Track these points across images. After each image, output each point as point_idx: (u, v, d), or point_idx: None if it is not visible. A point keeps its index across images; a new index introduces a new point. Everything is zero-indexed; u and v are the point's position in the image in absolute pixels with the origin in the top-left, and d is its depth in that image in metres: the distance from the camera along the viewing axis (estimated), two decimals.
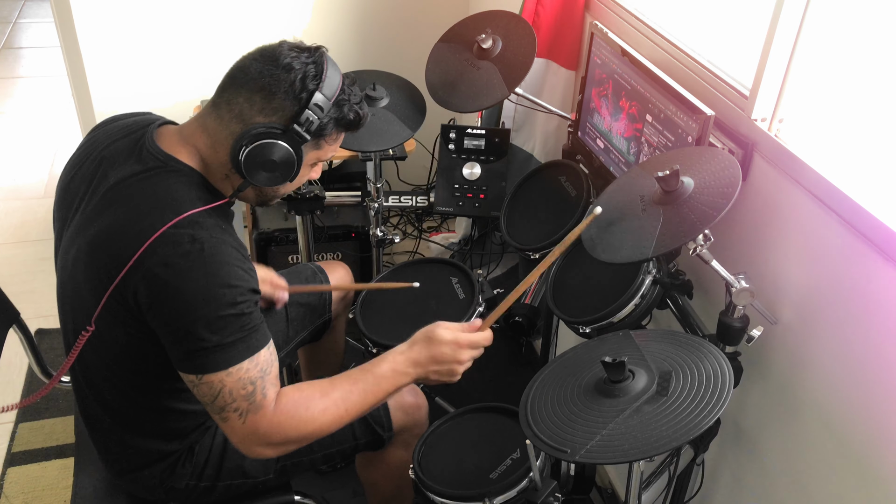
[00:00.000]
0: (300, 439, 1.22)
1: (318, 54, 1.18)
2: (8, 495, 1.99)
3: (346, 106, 1.21)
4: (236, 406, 1.15)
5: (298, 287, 1.73)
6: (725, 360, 1.10)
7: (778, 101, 1.31)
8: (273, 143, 1.15)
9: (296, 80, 1.14)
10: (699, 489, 1.53)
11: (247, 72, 1.16)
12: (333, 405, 1.22)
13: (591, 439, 1.04)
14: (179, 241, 1.10)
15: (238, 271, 1.13)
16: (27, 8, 5.36)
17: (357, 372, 1.26)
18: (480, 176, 1.98)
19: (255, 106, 1.15)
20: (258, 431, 1.17)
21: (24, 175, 3.49)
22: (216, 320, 1.10)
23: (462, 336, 1.27)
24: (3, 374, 2.35)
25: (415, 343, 1.28)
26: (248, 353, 1.14)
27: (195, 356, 1.12)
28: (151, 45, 2.63)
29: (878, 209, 1.10)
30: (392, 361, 1.27)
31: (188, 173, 1.19)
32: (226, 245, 1.13)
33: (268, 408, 1.17)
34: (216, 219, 1.17)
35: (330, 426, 1.23)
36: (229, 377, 1.13)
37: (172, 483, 1.36)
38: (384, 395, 1.26)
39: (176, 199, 1.15)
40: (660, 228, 1.21)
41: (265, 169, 1.17)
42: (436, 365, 1.27)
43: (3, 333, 1.49)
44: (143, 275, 1.10)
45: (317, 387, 1.23)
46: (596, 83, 1.72)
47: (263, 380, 1.16)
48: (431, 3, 2.87)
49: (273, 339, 1.68)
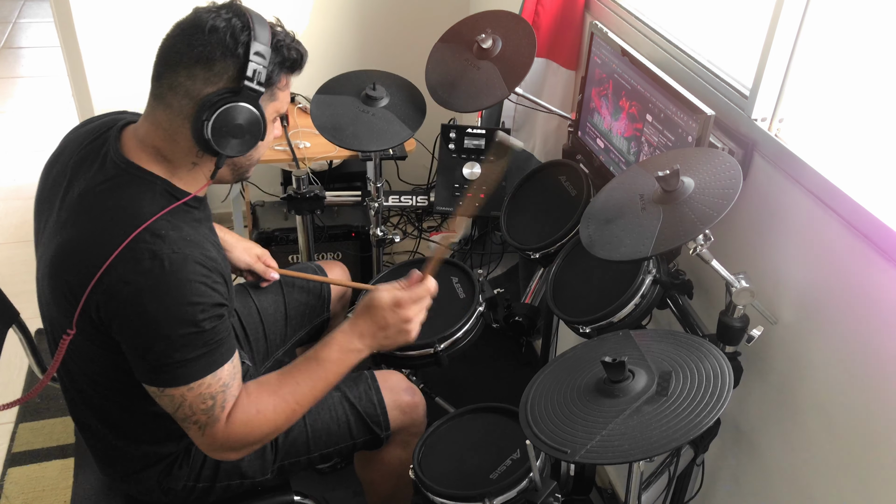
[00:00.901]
0: (260, 440, 1.22)
1: (235, 7, 1.14)
2: (8, 495, 1.99)
3: (284, 47, 1.15)
4: (196, 419, 1.15)
5: (289, 271, 1.72)
6: (725, 360, 1.10)
7: (778, 101, 1.31)
8: (233, 106, 1.10)
9: (226, 38, 1.09)
10: (699, 489, 1.53)
11: (175, 50, 1.11)
12: (283, 402, 1.22)
13: (590, 439, 1.04)
14: (139, 257, 1.08)
15: (200, 287, 1.10)
16: (27, 8, 5.36)
17: (302, 360, 1.26)
18: (480, 176, 1.98)
19: (199, 79, 1.10)
20: (216, 443, 1.18)
21: (24, 175, 3.49)
22: (178, 339, 1.09)
23: (401, 294, 1.26)
24: (3, 374, 2.35)
25: (357, 316, 1.28)
26: (211, 368, 1.13)
27: (157, 371, 1.12)
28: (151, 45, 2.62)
29: (878, 209, 1.10)
30: (338, 342, 1.26)
31: (151, 181, 1.15)
32: (188, 260, 1.10)
33: (223, 420, 1.16)
34: (184, 228, 1.13)
35: (286, 422, 1.23)
36: (190, 392, 1.13)
37: (170, 485, 1.36)
38: (336, 377, 1.26)
39: (136, 210, 1.11)
40: (659, 227, 1.21)
41: (234, 135, 1.12)
42: (383, 331, 1.26)
43: (3, 333, 1.49)
44: (104, 291, 1.08)
45: (265, 386, 1.23)
46: (596, 83, 1.72)
47: (224, 394, 1.16)
48: (431, 3, 2.87)
49: (271, 337, 1.70)
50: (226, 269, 1.19)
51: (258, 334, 1.67)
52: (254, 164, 1.27)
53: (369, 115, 1.84)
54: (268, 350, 1.69)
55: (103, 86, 2.66)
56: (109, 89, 2.65)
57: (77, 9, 2.52)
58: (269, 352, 1.69)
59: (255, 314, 1.67)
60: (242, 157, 1.20)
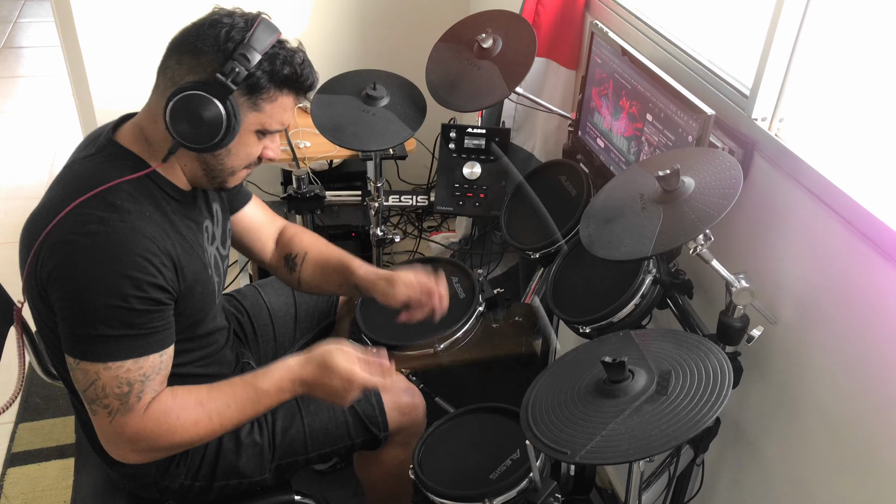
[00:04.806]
0: (168, 448, 1.20)
1: (252, 14, 1.16)
2: (8, 495, 1.99)
3: (279, 59, 1.14)
4: (107, 403, 1.12)
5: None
6: (725, 358, 1.10)
7: (778, 101, 1.31)
8: (197, 94, 1.10)
9: (220, 33, 1.11)
10: (699, 489, 1.53)
11: (179, 38, 1.15)
12: (207, 418, 1.19)
13: (591, 440, 1.04)
14: (87, 220, 1.08)
15: (140, 262, 1.09)
16: (27, 7, 5.36)
17: (240, 383, 1.23)
18: (480, 175, 1.98)
19: (185, 66, 1.12)
20: (123, 434, 1.14)
21: (25, 175, 3.49)
22: (102, 309, 1.07)
23: (358, 374, 1.24)
24: (3, 374, 2.35)
25: (309, 363, 1.26)
26: (134, 353, 1.11)
27: (76, 339, 1.10)
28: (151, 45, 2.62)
29: (878, 209, 1.09)
30: (279, 378, 1.24)
31: (126, 156, 1.17)
32: (136, 234, 1.09)
33: (138, 412, 1.13)
34: (146, 204, 1.14)
35: (201, 439, 1.20)
36: (107, 371, 1.10)
37: (167, 482, 1.36)
38: (264, 409, 1.24)
39: (100, 177, 1.12)
40: (660, 227, 1.21)
41: (192, 124, 1.11)
42: (323, 391, 1.25)
43: (4, 332, 1.49)
44: (47, 249, 1.09)
45: (194, 395, 1.20)
46: (596, 82, 1.72)
47: (143, 384, 1.13)
48: (431, 3, 2.87)
49: (280, 339, 1.69)
50: (185, 262, 1.18)
51: (268, 335, 1.67)
52: (228, 172, 1.22)
53: (369, 114, 1.84)
54: (276, 351, 1.69)
55: (103, 86, 2.66)
56: (109, 89, 2.65)
57: (77, 8, 2.52)
58: (276, 353, 1.69)
59: (266, 315, 1.67)
60: (211, 156, 1.18)
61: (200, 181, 1.24)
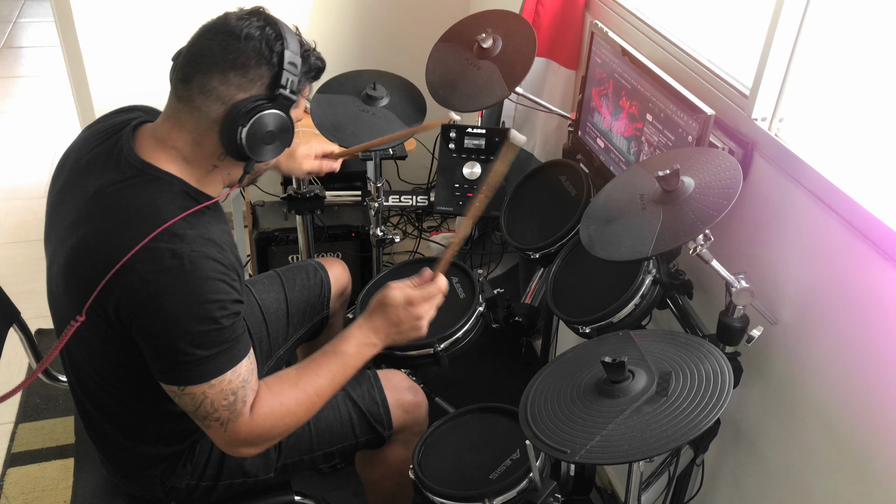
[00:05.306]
0: (282, 432, 1.24)
1: (264, 16, 1.17)
2: (8, 496, 1.99)
3: (311, 57, 1.20)
4: (218, 416, 1.15)
5: (352, 150, 1.79)
6: (725, 360, 1.10)
7: (778, 101, 1.31)
8: (268, 113, 1.14)
9: (262, 47, 1.12)
10: (699, 490, 1.53)
11: (207, 54, 1.12)
12: (304, 394, 1.23)
13: (590, 440, 1.04)
14: (159, 256, 1.08)
15: (219, 284, 1.12)
16: (27, 7, 5.36)
17: (320, 355, 1.27)
18: (481, 175, 1.98)
19: (232, 84, 1.12)
20: (239, 438, 1.18)
21: (25, 175, 3.49)
22: (198, 336, 1.10)
23: (413, 293, 1.28)
24: (3, 374, 2.35)
25: (372, 312, 1.29)
26: (230, 364, 1.14)
27: (177, 369, 1.12)
28: (151, 45, 2.63)
29: (877, 209, 1.09)
30: (355, 336, 1.27)
31: (169, 181, 1.16)
32: (207, 259, 1.11)
33: (246, 414, 1.17)
34: (200, 226, 1.14)
35: (306, 414, 1.25)
36: (212, 389, 1.13)
37: (173, 483, 1.36)
38: (353, 371, 1.27)
39: (155, 210, 1.12)
40: (659, 227, 1.21)
41: (266, 142, 1.16)
42: (396, 327, 1.28)
43: (4, 333, 1.49)
44: (124, 291, 1.09)
45: (285, 379, 1.24)
46: (596, 82, 1.72)
47: (245, 388, 1.16)
48: (431, 3, 2.87)
49: (274, 336, 1.69)
50: (239, 266, 1.21)
51: (261, 333, 1.67)
52: (268, 169, 1.29)
53: (369, 114, 1.84)
54: (271, 348, 1.69)
55: (103, 85, 2.66)
56: (109, 89, 2.65)
57: (77, 8, 2.52)
58: (272, 350, 1.69)
59: (258, 312, 1.67)
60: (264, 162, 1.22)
61: (234, 182, 1.26)
